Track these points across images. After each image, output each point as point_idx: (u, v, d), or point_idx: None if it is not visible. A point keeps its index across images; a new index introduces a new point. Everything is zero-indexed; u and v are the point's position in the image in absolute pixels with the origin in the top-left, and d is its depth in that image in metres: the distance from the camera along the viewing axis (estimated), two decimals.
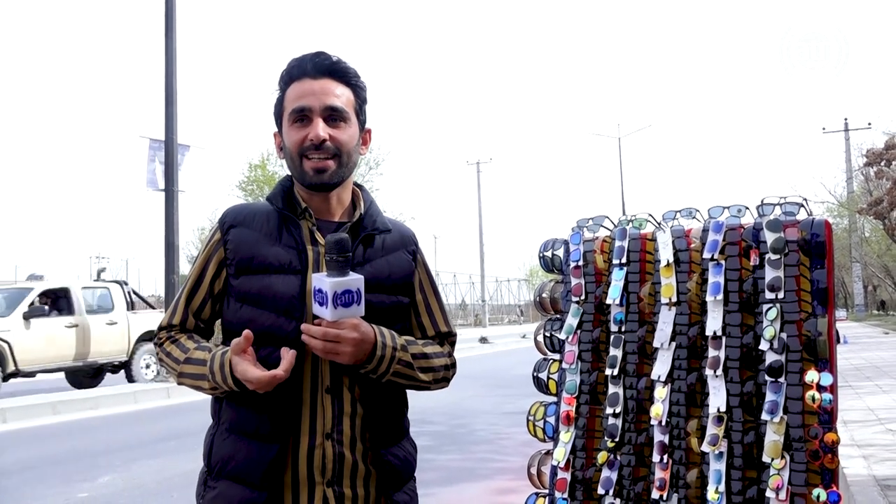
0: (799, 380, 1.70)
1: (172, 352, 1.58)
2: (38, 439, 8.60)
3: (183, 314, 1.61)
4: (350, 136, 1.58)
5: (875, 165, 24.10)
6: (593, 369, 1.99)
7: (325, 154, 1.54)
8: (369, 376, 1.52)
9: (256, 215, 1.59)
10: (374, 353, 1.49)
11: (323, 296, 1.41)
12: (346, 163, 1.58)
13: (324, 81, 1.56)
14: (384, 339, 1.51)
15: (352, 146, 1.59)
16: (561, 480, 1.97)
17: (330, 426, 1.50)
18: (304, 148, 1.55)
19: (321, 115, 1.54)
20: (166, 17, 13.03)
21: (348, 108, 1.58)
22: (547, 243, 2.18)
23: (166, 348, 1.60)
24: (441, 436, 8.10)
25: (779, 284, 1.74)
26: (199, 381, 1.52)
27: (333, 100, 1.56)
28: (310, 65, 1.57)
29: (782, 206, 1.84)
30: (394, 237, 1.66)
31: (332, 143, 1.54)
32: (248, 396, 1.48)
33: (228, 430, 1.54)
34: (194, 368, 1.53)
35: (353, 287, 1.42)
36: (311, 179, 1.56)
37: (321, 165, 1.55)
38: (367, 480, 1.54)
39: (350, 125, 1.59)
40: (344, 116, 1.57)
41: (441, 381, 1.67)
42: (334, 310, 1.41)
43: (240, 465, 1.49)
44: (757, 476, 1.73)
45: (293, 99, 1.56)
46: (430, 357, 1.62)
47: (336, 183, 1.58)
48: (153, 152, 14.49)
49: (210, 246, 1.61)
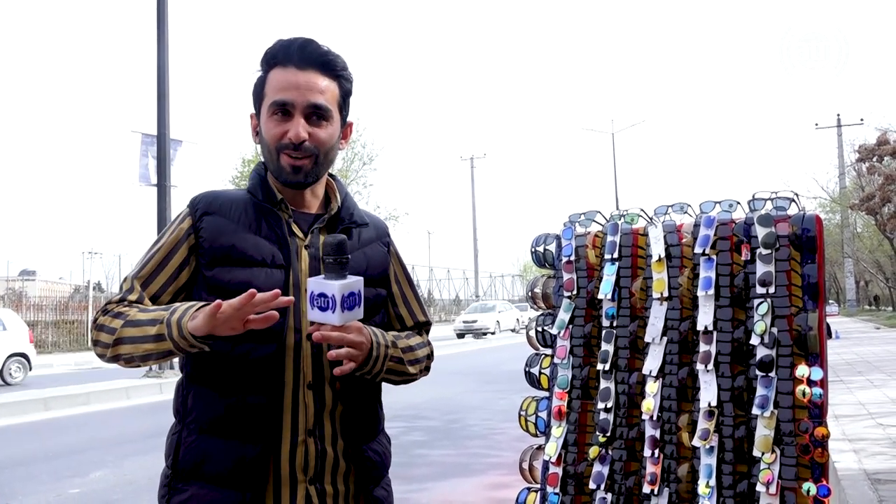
0: (789, 374, 1.71)
1: (123, 310, 1.44)
2: (29, 435, 8.57)
3: (139, 296, 1.48)
4: (330, 134, 1.53)
5: (867, 161, 24.21)
6: (585, 364, 1.99)
7: (303, 153, 1.49)
8: (364, 376, 1.51)
9: (233, 204, 1.52)
10: (371, 354, 1.47)
11: (328, 300, 1.36)
12: (324, 161, 1.53)
13: (309, 74, 1.49)
14: (377, 338, 1.50)
15: (331, 144, 1.54)
16: (552, 475, 1.97)
17: (312, 423, 1.47)
18: (283, 144, 1.49)
19: (303, 113, 1.49)
20: (158, 12, 12.97)
21: (332, 104, 1.52)
22: (539, 238, 2.17)
23: (114, 310, 1.46)
24: (434, 431, 8.11)
25: (770, 279, 1.75)
26: (147, 327, 1.38)
27: (317, 97, 1.49)
28: (297, 54, 1.50)
29: (773, 201, 1.85)
30: (369, 230, 1.64)
31: (311, 142, 1.49)
32: (223, 391, 1.43)
33: (198, 430, 1.46)
34: (148, 315, 1.40)
35: (356, 289, 1.39)
36: (287, 177, 1.51)
37: (298, 164, 1.49)
38: (346, 476, 1.52)
39: (332, 123, 1.53)
40: (326, 115, 1.51)
41: (424, 370, 1.67)
42: (342, 313, 1.36)
43: (216, 466, 1.42)
44: (748, 470, 1.73)
45: (275, 89, 1.49)
46: (414, 349, 1.62)
47: (312, 181, 1.54)
48: (145, 147, 14.44)
49: (178, 231, 1.51)
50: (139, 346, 1.40)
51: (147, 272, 1.50)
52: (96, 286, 38.16)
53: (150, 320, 1.39)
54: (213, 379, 1.46)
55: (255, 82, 1.55)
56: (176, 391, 1.54)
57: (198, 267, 1.50)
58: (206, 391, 1.47)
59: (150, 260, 1.51)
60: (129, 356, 1.42)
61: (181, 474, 1.46)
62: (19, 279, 49.80)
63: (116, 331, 1.42)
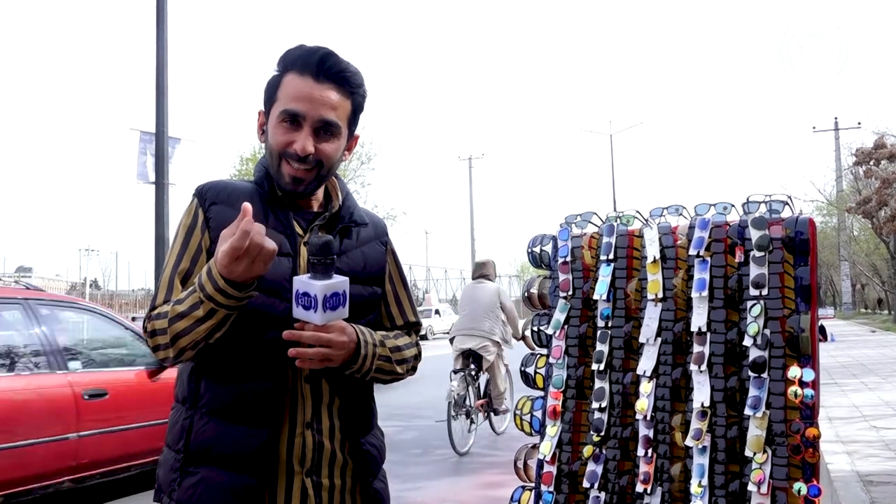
0: (782, 375, 1.73)
1: (163, 310, 1.45)
2: None
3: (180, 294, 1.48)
4: (336, 148, 1.54)
5: (864, 164, 24.24)
6: (580, 364, 2.01)
7: (306, 166, 1.50)
8: (353, 376, 1.52)
9: (240, 195, 1.52)
10: (358, 353, 1.48)
11: (310, 300, 1.37)
12: (326, 174, 1.54)
13: (325, 88, 1.50)
14: (365, 338, 1.51)
15: (335, 158, 1.54)
16: (547, 474, 1.99)
17: (310, 415, 1.49)
18: (287, 153, 1.49)
19: (312, 126, 1.49)
20: (157, 9, 12.95)
21: (342, 121, 1.53)
22: (535, 239, 2.19)
23: (155, 312, 1.47)
24: (430, 430, 8.12)
25: (763, 281, 1.77)
26: (195, 311, 1.38)
27: (329, 113, 1.50)
28: (316, 66, 1.49)
29: (768, 204, 1.87)
30: (368, 229, 1.65)
31: (316, 155, 1.50)
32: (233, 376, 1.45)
33: (210, 414, 1.48)
34: (186, 302, 1.41)
35: (339, 290, 1.40)
36: (286, 185, 1.52)
37: (299, 175, 1.50)
38: (343, 470, 1.53)
39: (339, 138, 1.54)
40: (335, 131, 1.52)
41: (410, 370, 1.68)
42: (323, 313, 1.38)
43: (226, 449, 1.45)
44: (740, 470, 1.75)
45: (289, 96, 1.50)
46: (402, 349, 1.63)
47: (310, 192, 1.55)
48: (144, 145, 14.41)
49: (193, 221, 1.52)
50: (197, 331, 1.40)
51: (185, 267, 1.51)
52: (93, 283, 38.10)
53: (191, 306, 1.40)
54: (222, 365, 1.48)
55: (270, 80, 1.55)
56: (185, 378, 1.55)
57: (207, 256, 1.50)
58: (218, 377, 1.48)
59: (182, 256, 1.51)
60: (193, 343, 1.43)
61: (192, 457, 1.48)
62: (16, 276, 49.74)
63: (167, 330, 1.43)
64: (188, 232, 1.53)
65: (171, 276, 1.51)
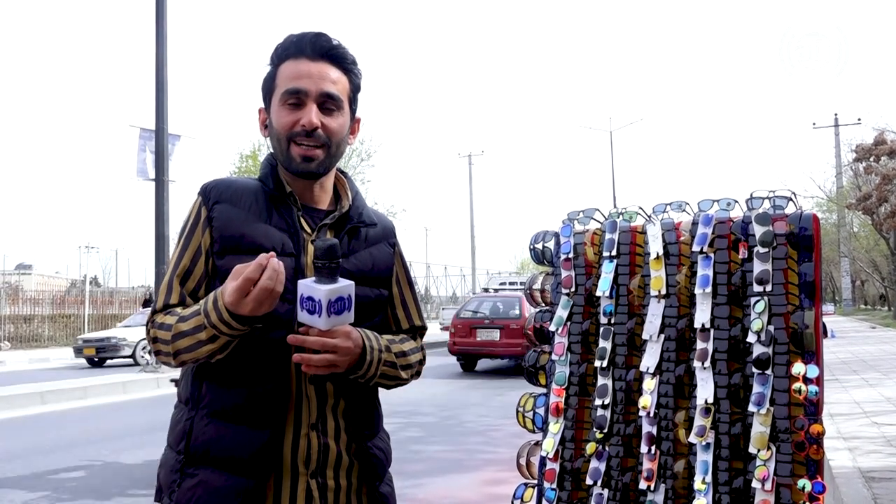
0: (785, 372, 1.72)
1: (166, 321, 1.45)
2: (26, 429, 8.57)
3: (180, 295, 1.49)
4: (341, 125, 1.54)
5: (864, 161, 24.25)
6: (583, 361, 2.01)
7: (315, 142, 1.50)
8: (358, 380, 1.50)
9: (244, 193, 1.52)
10: (363, 358, 1.47)
11: (314, 304, 1.36)
12: (335, 153, 1.54)
13: (321, 65, 1.51)
14: (371, 343, 1.49)
15: (342, 135, 1.55)
16: (550, 471, 1.98)
17: (315, 417, 1.48)
18: (294, 133, 1.49)
19: (315, 101, 1.50)
20: (157, 6, 12.93)
21: (343, 95, 1.54)
22: (538, 235, 2.18)
23: (159, 321, 1.47)
24: (431, 427, 8.13)
25: (767, 277, 1.76)
26: (197, 334, 1.39)
27: (330, 86, 1.51)
28: (309, 46, 1.51)
29: (771, 200, 1.86)
30: (376, 230, 1.64)
31: (323, 131, 1.50)
32: (237, 378, 1.44)
33: (210, 415, 1.47)
34: (190, 322, 1.41)
35: (345, 294, 1.38)
36: (297, 167, 1.51)
37: (310, 153, 1.50)
38: (349, 472, 1.52)
39: (342, 114, 1.54)
40: (338, 105, 1.53)
41: (415, 375, 1.66)
42: (328, 318, 1.36)
43: (225, 451, 1.43)
44: (743, 467, 1.74)
45: (288, 78, 1.50)
46: (407, 354, 1.61)
47: (323, 172, 1.55)
48: (143, 142, 14.40)
49: (197, 221, 1.52)
50: (198, 352, 1.42)
51: (183, 269, 1.50)
52: (93, 280, 38.07)
53: (195, 327, 1.40)
54: (224, 366, 1.46)
55: (266, 76, 1.55)
56: (188, 378, 1.54)
57: (211, 255, 1.50)
58: (220, 378, 1.47)
59: (182, 256, 1.51)
60: (195, 360, 1.45)
61: (192, 458, 1.47)
62: (16, 273, 49.79)
63: (170, 343, 1.44)
64: (190, 231, 1.52)
65: (170, 278, 1.51)
